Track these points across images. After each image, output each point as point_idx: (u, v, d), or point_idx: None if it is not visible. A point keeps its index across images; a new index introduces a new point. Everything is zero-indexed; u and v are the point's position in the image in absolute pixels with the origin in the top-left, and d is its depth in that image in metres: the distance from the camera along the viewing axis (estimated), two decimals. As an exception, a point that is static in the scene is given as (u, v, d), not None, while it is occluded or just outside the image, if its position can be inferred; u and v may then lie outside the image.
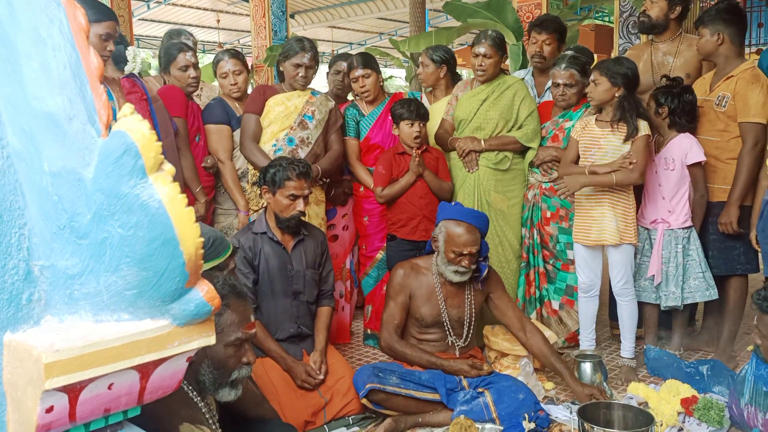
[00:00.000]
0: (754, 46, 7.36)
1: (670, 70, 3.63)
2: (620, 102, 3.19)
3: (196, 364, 1.76)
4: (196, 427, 1.67)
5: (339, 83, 4.13)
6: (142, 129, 1.06)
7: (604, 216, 3.28)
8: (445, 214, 3.00)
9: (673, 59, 3.68)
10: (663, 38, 3.73)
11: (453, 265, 2.94)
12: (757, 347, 2.48)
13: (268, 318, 3.05)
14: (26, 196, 1.13)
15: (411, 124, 3.54)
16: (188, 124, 3.57)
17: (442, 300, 3.04)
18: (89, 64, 1.11)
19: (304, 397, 2.91)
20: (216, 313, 1.74)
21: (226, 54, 3.87)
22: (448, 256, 2.94)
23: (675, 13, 3.64)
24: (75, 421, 1.09)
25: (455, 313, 3.05)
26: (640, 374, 3.38)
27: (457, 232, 2.91)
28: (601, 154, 3.27)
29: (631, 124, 3.18)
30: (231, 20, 16.33)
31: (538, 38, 3.83)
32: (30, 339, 1.07)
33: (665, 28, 3.69)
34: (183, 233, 1.08)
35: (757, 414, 2.54)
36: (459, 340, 3.08)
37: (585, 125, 3.35)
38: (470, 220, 2.95)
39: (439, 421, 2.87)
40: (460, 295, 3.07)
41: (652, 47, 3.77)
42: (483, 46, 3.55)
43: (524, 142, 3.58)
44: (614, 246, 3.29)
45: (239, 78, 3.80)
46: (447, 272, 2.97)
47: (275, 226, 3.09)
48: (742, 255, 3.38)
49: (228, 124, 3.76)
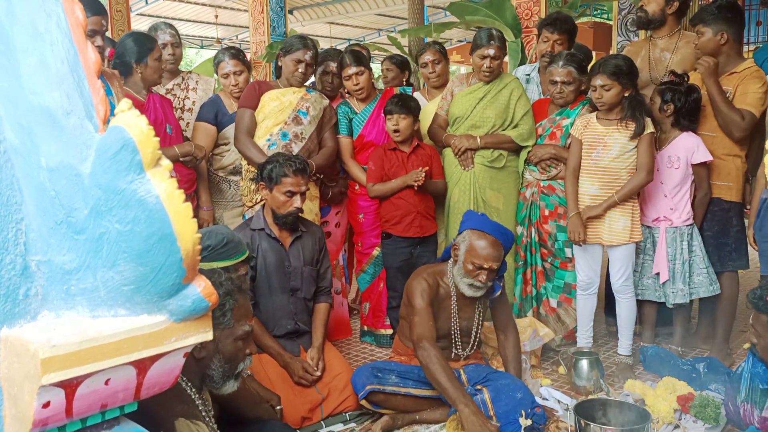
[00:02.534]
0: (752, 44, 7.37)
1: (667, 66, 3.63)
2: (630, 101, 3.18)
3: (206, 359, 1.80)
4: (191, 422, 1.68)
5: (329, 84, 4.00)
6: (140, 124, 1.06)
7: (611, 215, 3.26)
8: (472, 224, 2.86)
9: (670, 55, 3.68)
10: (661, 34, 3.72)
11: (469, 278, 2.81)
12: (753, 346, 2.48)
13: (265, 314, 3.05)
14: (23, 191, 1.13)
15: (390, 119, 3.55)
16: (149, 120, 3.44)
17: (455, 313, 2.96)
18: (87, 59, 1.11)
19: (301, 393, 2.91)
20: (228, 308, 1.79)
21: (226, 54, 3.86)
22: (466, 267, 2.80)
23: (672, 9, 3.63)
24: (72, 416, 1.09)
25: (465, 325, 2.99)
26: (637, 371, 3.39)
27: (481, 244, 2.77)
28: (606, 152, 3.25)
29: (639, 122, 3.17)
30: (229, 16, 16.30)
31: (550, 37, 3.82)
32: (27, 334, 1.07)
33: (662, 23, 3.68)
34: (180, 229, 1.07)
35: (753, 411, 2.55)
36: (463, 351, 3.04)
37: (587, 124, 3.33)
38: (496, 234, 2.81)
39: (436, 418, 2.88)
40: (471, 308, 2.99)
41: (650, 43, 3.77)
42: (492, 48, 3.52)
43: (519, 141, 3.57)
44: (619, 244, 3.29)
45: (240, 78, 3.82)
46: (461, 284, 2.84)
47: (273, 222, 3.09)
48: (734, 251, 3.40)
49: (214, 123, 3.76)
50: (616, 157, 3.24)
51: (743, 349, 3.55)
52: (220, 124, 3.78)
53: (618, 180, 3.25)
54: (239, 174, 3.79)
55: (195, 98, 3.97)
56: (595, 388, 3.11)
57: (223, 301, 1.78)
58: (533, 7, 5.60)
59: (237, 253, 2.58)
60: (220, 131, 3.79)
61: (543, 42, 3.87)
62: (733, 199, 3.40)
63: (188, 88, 4.00)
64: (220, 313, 1.77)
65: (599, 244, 3.36)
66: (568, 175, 3.38)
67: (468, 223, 2.89)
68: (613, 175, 3.26)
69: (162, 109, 3.52)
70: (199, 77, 4.13)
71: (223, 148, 3.81)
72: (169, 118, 3.56)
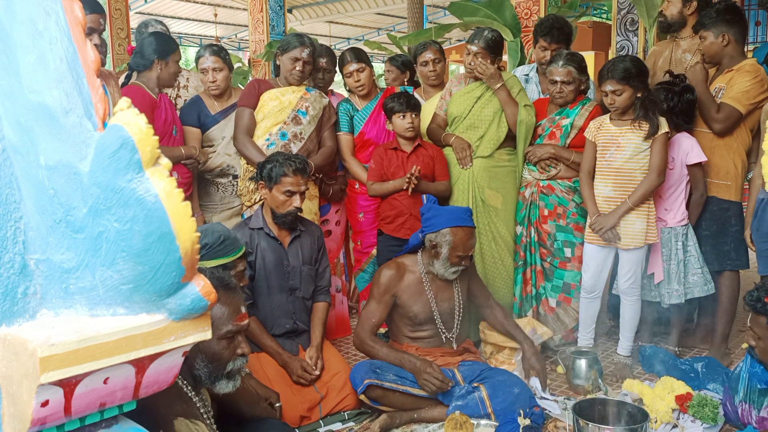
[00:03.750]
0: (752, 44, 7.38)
1: (686, 67, 3.62)
2: (642, 101, 3.16)
3: (190, 359, 1.75)
4: (190, 421, 1.67)
5: (320, 80, 3.91)
6: (139, 123, 1.06)
7: (627, 218, 3.23)
8: (448, 222, 2.97)
9: (690, 56, 3.68)
10: (684, 35, 3.72)
11: (454, 267, 2.99)
12: (752, 348, 2.48)
13: (264, 314, 3.05)
14: (22, 190, 1.13)
15: (403, 116, 3.54)
16: (159, 120, 3.44)
17: (432, 296, 3.06)
18: (86, 58, 1.11)
19: (299, 392, 2.91)
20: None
21: (207, 50, 3.77)
22: (452, 260, 2.97)
23: (690, 9, 3.64)
24: (70, 415, 1.09)
25: (446, 306, 3.08)
26: (635, 371, 3.39)
27: (464, 238, 2.95)
28: (620, 152, 3.22)
29: (653, 123, 3.15)
30: (228, 14, 16.30)
31: (547, 47, 3.82)
32: (25, 333, 1.07)
33: (683, 25, 3.69)
34: (179, 228, 1.07)
35: (751, 411, 2.55)
36: (450, 333, 3.10)
37: (600, 125, 3.31)
38: (470, 222, 3.01)
39: (434, 416, 2.88)
40: (449, 289, 3.10)
41: (674, 44, 3.78)
42: (475, 46, 3.56)
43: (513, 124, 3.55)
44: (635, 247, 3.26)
45: (219, 75, 3.70)
46: (447, 274, 3.01)
47: (272, 221, 3.09)
48: (733, 251, 3.39)
49: (197, 126, 3.70)
50: (630, 158, 3.21)
51: (741, 349, 3.55)
52: (203, 126, 3.71)
53: (632, 181, 3.21)
54: (227, 176, 3.75)
55: (186, 96, 3.95)
56: (593, 387, 3.11)
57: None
58: (532, 7, 5.60)
59: (234, 250, 2.60)
60: (204, 133, 3.71)
61: (540, 50, 3.86)
62: (732, 198, 3.39)
63: (179, 86, 3.97)
64: None
65: (613, 247, 3.31)
66: (583, 177, 3.37)
67: (443, 219, 2.98)
68: (627, 176, 3.23)
69: (171, 112, 3.54)
70: (189, 73, 4.10)
71: (208, 150, 3.72)
72: (175, 120, 3.57)
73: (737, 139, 3.36)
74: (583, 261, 3.45)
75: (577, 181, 3.51)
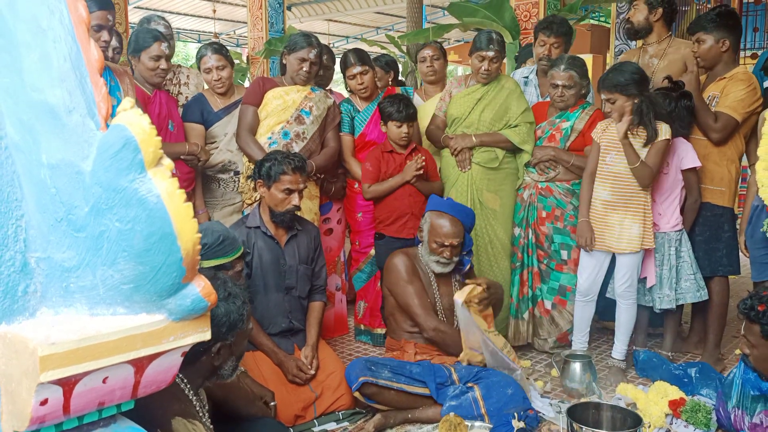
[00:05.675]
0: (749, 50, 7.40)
1: (653, 72, 3.65)
2: (638, 107, 3.15)
3: (222, 363, 1.81)
4: (188, 421, 1.67)
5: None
6: (142, 123, 1.06)
7: (623, 222, 3.23)
8: (432, 206, 3.09)
9: (657, 61, 3.70)
10: (650, 41, 3.77)
11: (435, 256, 3.03)
12: (745, 356, 2.49)
13: (260, 312, 3.05)
14: (24, 188, 1.13)
15: (399, 126, 3.55)
16: (152, 115, 3.42)
17: (436, 289, 3.10)
18: (90, 57, 1.11)
19: (294, 391, 2.91)
20: (247, 315, 1.79)
21: (209, 49, 3.78)
22: (431, 246, 3.03)
23: (656, 16, 3.67)
24: (69, 413, 1.09)
25: (446, 301, 3.10)
26: (629, 375, 3.40)
27: (440, 223, 3.00)
28: (619, 158, 3.22)
29: (650, 128, 3.15)
30: (227, 11, 16.26)
31: (546, 41, 3.83)
32: (25, 331, 1.07)
33: (649, 31, 3.72)
34: (181, 228, 1.07)
35: (744, 417, 2.56)
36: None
37: (605, 128, 3.32)
38: (454, 213, 3.03)
39: (429, 417, 2.88)
40: (448, 285, 3.14)
41: (642, 50, 3.82)
42: (491, 51, 3.53)
43: (517, 143, 3.56)
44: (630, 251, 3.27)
45: (223, 73, 3.72)
46: (430, 262, 3.06)
47: (269, 220, 3.09)
48: (725, 257, 3.40)
49: (201, 122, 3.71)
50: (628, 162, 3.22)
51: (735, 355, 3.57)
52: (206, 123, 3.72)
53: (629, 187, 3.22)
54: (229, 172, 3.75)
55: (188, 93, 3.94)
56: (587, 391, 3.12)
57: (243, 310, 1.79)
58: (532, 9, 5.62)
59: (233, 249, 2.60)
60: (207, 129, 3.73)
61: (540, 45, 3.88)
62: (726, 204, 3.41)
63: (180, 83, 3.97)
64: (241, 320, 1.79)
65: (608, 251, 3.32)
66: (585, 178, 3.37)
67: (430, 205, 3.12)
68: (625, 182, 3.22)
69: (167, 106, 3.52)
70: (189, 71, 4.09)
71: (211, 146, 3.74)
72: (173, 116, 3.56)
73: (731, 145, 3.37)
74: (579, 264, 3.46)
75: (575, 183, 3.52)
